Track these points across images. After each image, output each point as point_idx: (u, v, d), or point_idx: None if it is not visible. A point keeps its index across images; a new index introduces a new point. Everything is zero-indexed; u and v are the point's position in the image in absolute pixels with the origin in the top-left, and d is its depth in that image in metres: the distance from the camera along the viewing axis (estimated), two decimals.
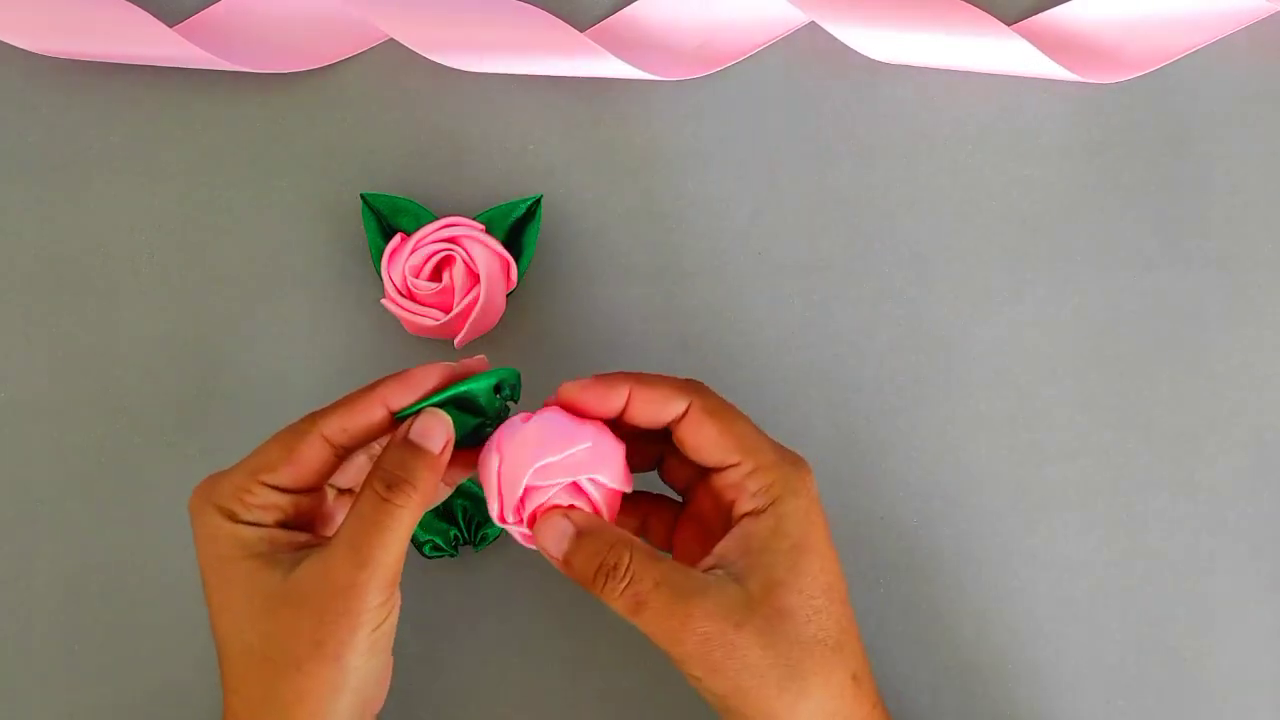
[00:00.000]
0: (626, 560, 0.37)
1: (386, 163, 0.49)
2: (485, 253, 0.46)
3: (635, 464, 0.41)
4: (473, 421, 0.39)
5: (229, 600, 0.37)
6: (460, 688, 0.47)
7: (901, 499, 0.48)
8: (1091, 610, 0.48)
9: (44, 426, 0.48)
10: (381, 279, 0.46)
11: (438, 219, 0.46)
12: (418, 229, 0.46)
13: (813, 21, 0.49)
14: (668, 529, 0.42)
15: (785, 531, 0.38)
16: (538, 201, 0.48)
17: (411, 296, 0.46)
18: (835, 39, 0.49)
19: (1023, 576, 0.48)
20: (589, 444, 0.38)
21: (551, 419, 0.39)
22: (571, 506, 0.38)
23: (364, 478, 0.38)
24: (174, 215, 0.49)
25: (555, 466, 0.38)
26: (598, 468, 0.38)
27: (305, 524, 0.40)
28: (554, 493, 0.38)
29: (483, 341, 0.48)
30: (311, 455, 0.38)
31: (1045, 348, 0.49)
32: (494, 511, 0.39)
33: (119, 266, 0.49)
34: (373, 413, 0.38)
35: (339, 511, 0.41)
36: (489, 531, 0.47)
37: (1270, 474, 0.49)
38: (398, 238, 0.46)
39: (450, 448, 0.38)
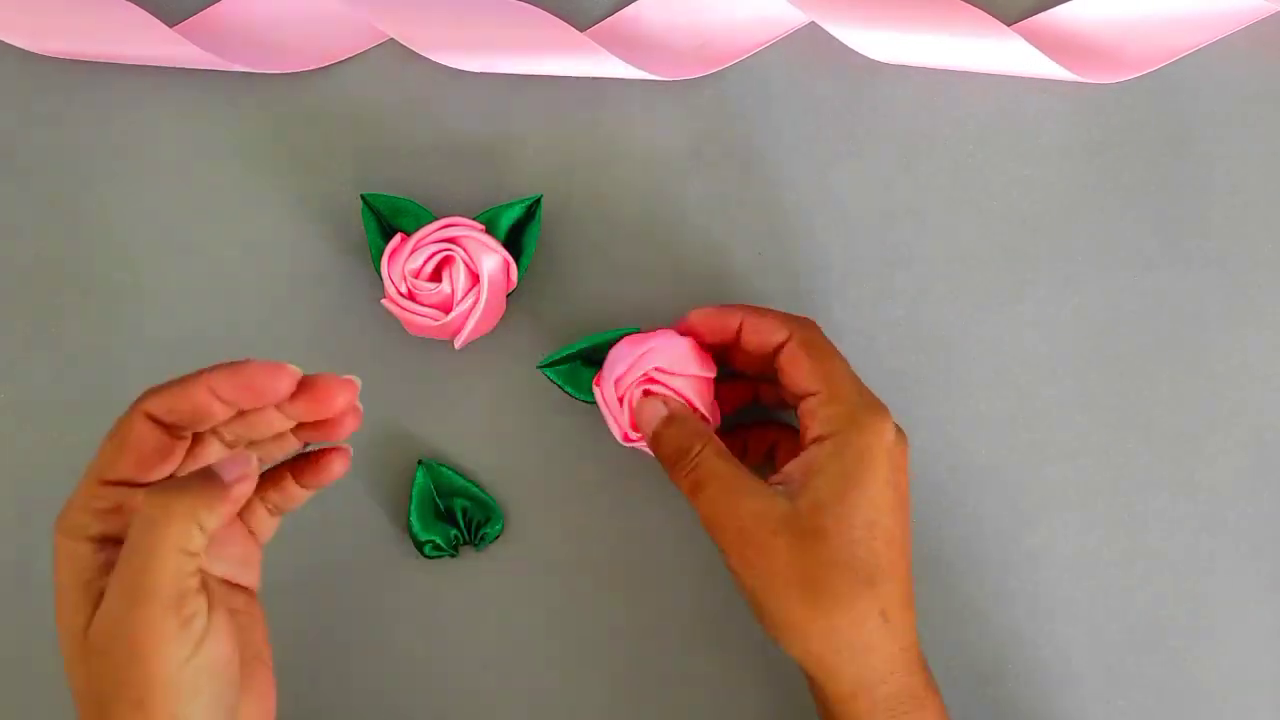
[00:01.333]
0: (698, 448, 0.41)
1: (386, 163, 0.49)
2: (485, 253, 0.46)
3: (729, 401, 0.46)
4: None
5: (61, 639, 0.35)
6: (460, 688, 0.47)
7: None
8: (1091, 610, 0.48)
9: (44, 426, 0.48)
10: (381, 279, 0.46)
11: (438, 219, 0.46)
12: (418, 229, 0.46)
13: (813, 21, 0.49)
14: (768, 450, 0.46)
15: (841, 459, 0.40)
16: (538, 201, 0.47)
17: (412, 297, 0.46)
18: (835, 39, 0.49)
19: (1023, 576, 0.48)
20: (651, 345, 0.43)
21: (619, 344, 0.45)
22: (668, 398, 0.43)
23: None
24: (174, 215, 0.49)
25: (627, 373, 0.44)
26: (660, 358, 0.43)
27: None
28: (634, 393, 0.43)
29: (483, 342, 0.48)
30: (142, 436, 0.36)
31: (1045, 348, 0.49)
32: (618, 437, 0.44)
33: (119, 266, 0.49)
34: (199, 394, 0.36)
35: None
36: (489, 531, 0.47)
37: (1270, 474, 0.49)
38: (398, 238, 0.46)
39: (247, 484, 0.35)
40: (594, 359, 0.46)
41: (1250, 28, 0.50)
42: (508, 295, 0.47)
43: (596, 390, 0.45)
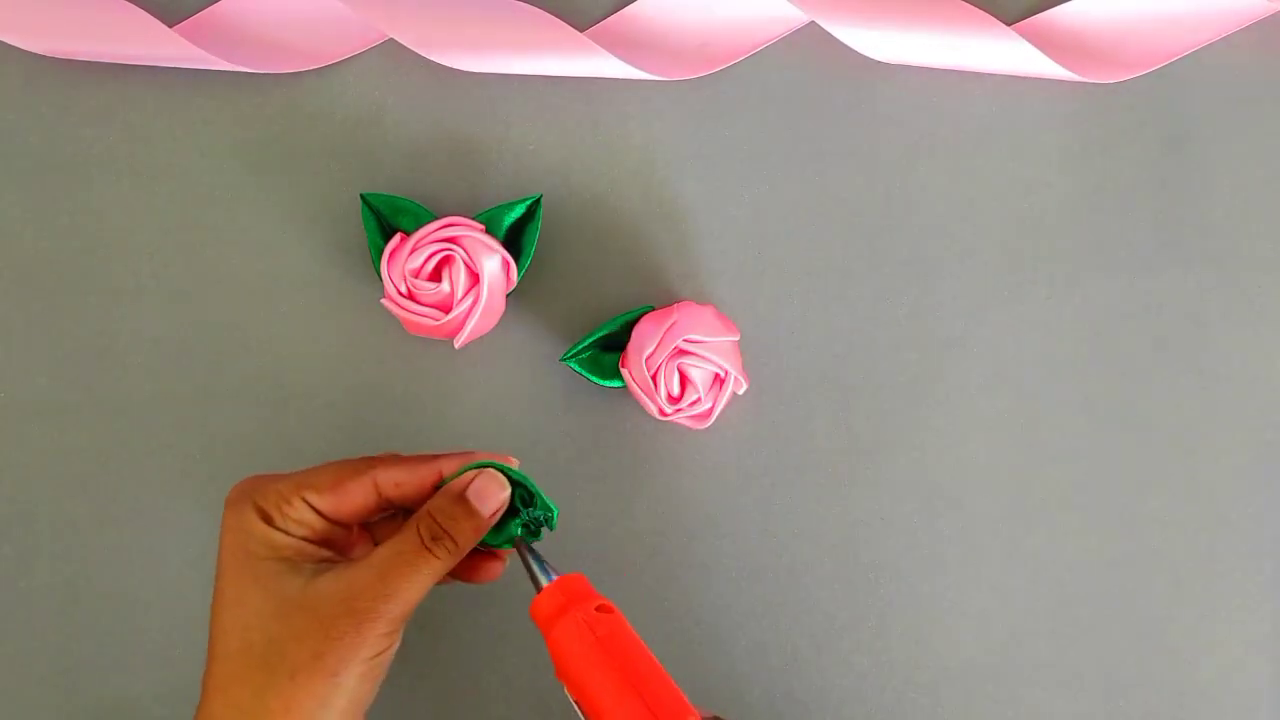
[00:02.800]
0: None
1: (386, 163, 0.49)
2: (485, 253, 0.46)
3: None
4: (512, 523, 0.41)
5: (243, 596, 0.38)
6: (460, 687, 0.47)
7: (901, 499, 0.48)
8: (1091, 610, 0.48)
9: (44, 426, 0.48)
10: (381, 279, 0.46)
11: (438, 219, 0.46)
12: (417, 229, 0.46)
13: (813, 21, 0.49)
14: None
15: None
16: (538, 201, 0.47)
17: (411, 297, 0.46)
18: (835, 39, 0.49)
19: (1023, 576, 0.48)
20: (675, 318, 0.45)
21: (642, 322, 0.46)
22: (716, 378, 0.45)
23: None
24: (174, 215, 0.49)
25: (657, 350, 0.45)
26: (690, 329, 0.45)
27: (326, 546, 0.40)
28: (665, 366, 0.44)
29: (483, 342, 0.48)
30: (358, 495, 0.40)
31: (1045, 348, 0.49)
32: (655, 414, 0.45)
33: (119, 266, 0.49)
34: (428, 478, 0.40)
35: (360, 544, 0.42)
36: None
37: (1270, 474, 0.49)
38: (398, 238, 0.46)
39: (497, 516, 0.40)
40: (612, 344, 0.47)
41: (1250, 28, 0.50)
42: (508, 295, 0.47)
43: (625, 372, 0.46)
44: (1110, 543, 0.48)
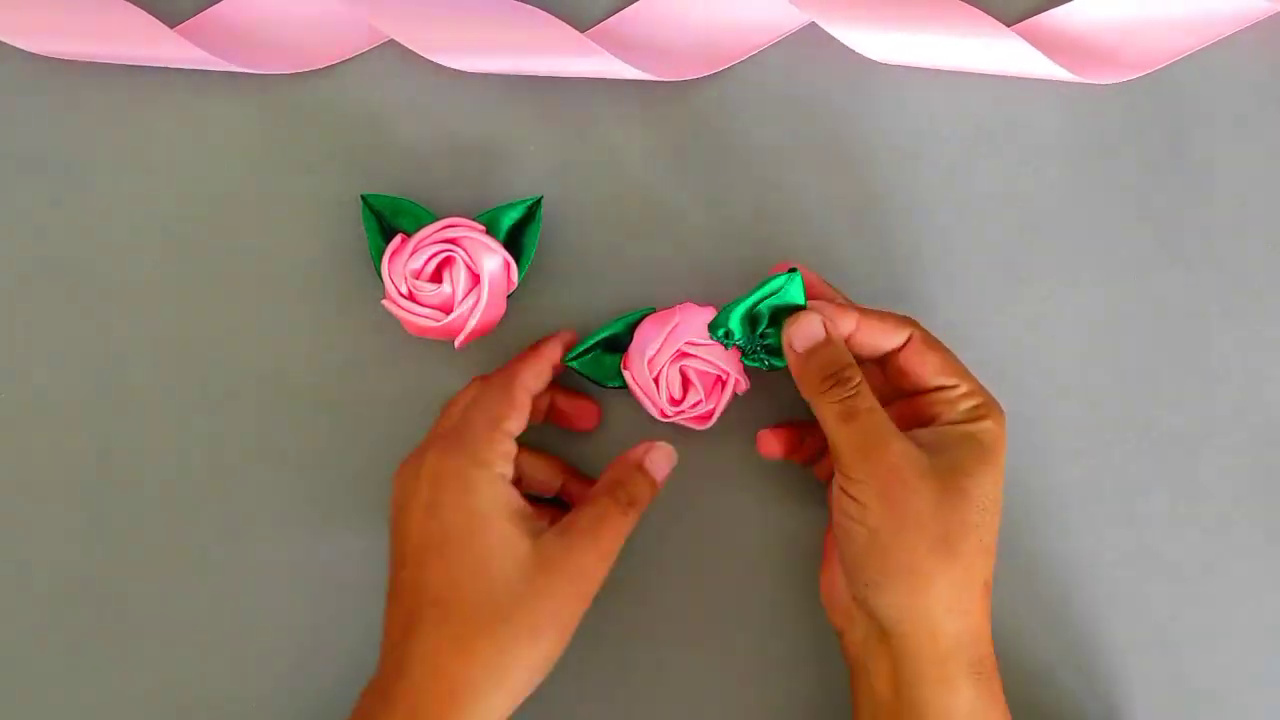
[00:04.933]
0: (857, 378, 0.42)
1: (386, 163, 0.49)
2: (485, 253, 0.46)
3: (802, 456, 0.47)
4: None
5: (485, 553, 0.41)
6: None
7: None
8: (1092, 610, 0.48)
9: (44, 426, 0.48)
10: (382, 280, 0.46)
11: (438, 219, 0.46)
12: (418, 230, 0.46)
13: (813, 21, 0.49)
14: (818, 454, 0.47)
15: (979, 440, 0.42)
16: (538, 202, 0.47)
17: (412, 298, 0.46)
18: (835, 39, 0.49)
19: (1023, 577, 0.48)
20: (677, 320, 0.45)
21: (644, 324, 0.46)
22: (718, 380, 0.45)
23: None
24: (174, 215, 0.49)
25: (660, 352, 0.45)
26: (691, 331, 0.45)
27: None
28: (668, 368, 0.45)
29: (483, 342, 0.48)
30: (525, 401, 0.44)
31: (1045, 348, 0.49)
32: (655, 414, 0.46)
33: (119, 266, 0.49)
34: (546, 368, 0.45)
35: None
36: None
37: (1270, 474, 0.49)
38: (398, 238, 0.46)
39: (666, 480, 0.45)
40: (614, 346, 0.47)
41: (1250, 28, 0.50)
42: (508, 295, 0.47)
43: (626, 373, 0.46)
44: (1111, 543, 0.48)
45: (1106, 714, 0.48)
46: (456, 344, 0.47)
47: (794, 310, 0.43)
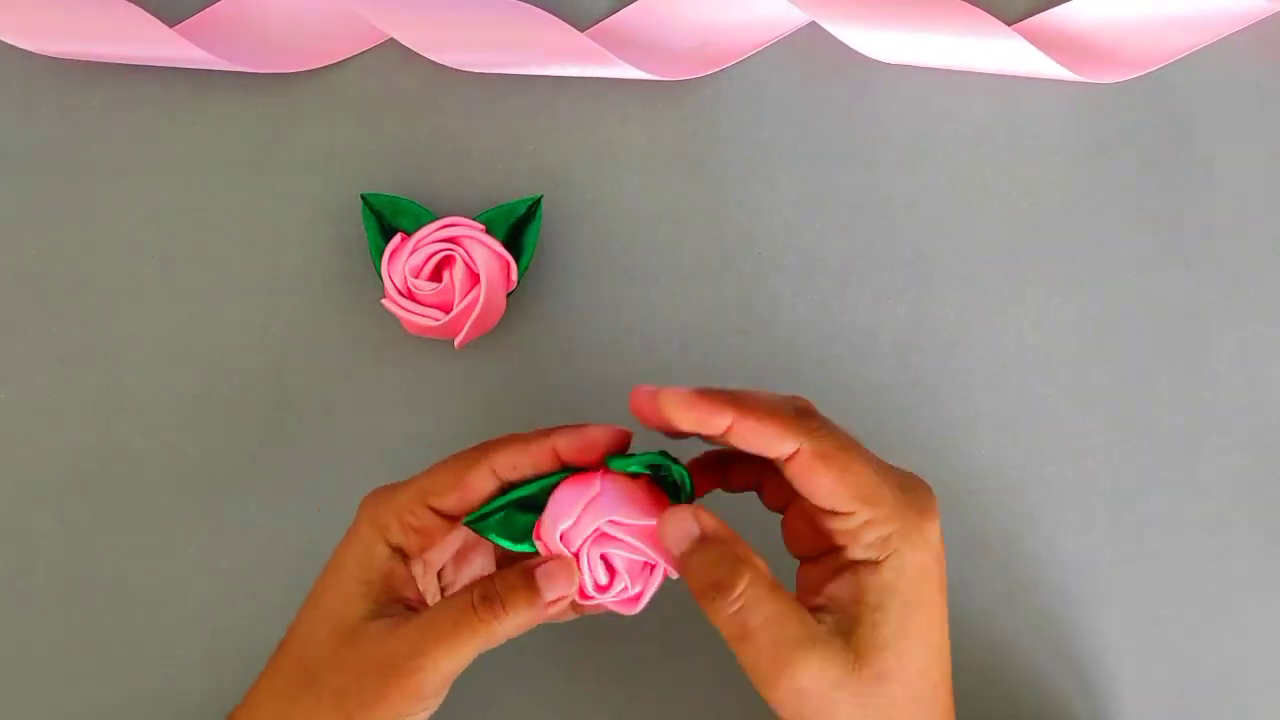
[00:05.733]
0: (743, 585, 0.35)
1: (386, 163, 0.49)
2: (485, 253, 0.46)
3: (735, 485, 0.41)
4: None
5: (323, 608, 0.38)
6: (460, 688, 0.47)
7: None
8: (1092, 610, 0.48)
9: (44, 426, 0.48)
10: (381, 279, 0.46)
11: (438, 219, 0.46)
12: (418, 229, 0.46)
13: (813, 21, 0.49)
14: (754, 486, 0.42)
15: (898, 589, 0.36)
16: (538, 202, 0.47)
17: (412, 297, 0.46)
18: (835, 39, 0.49)
19: (1023, 577, 0.48)
20: (598, 490, 0.38)
21: (560, 489, 0.38)
22: (645, 566, 0.38)
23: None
24: (174, 215, 0.49)
25: (576, 526, 0.37)
26: (616, 508, 0.37)
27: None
28: (589, 548, 0.37)
29: (483, 342, 0.48)
30: (479, 485, 0.38)
31: (1045, 348, 0.49)
32: (574, 595, 0.38)
33: (119, 266, 0.49)
34: (543, 455, 0.38)
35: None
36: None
37: (1270, 474, 0.49)
38: (398, 238, 0.46)
39: (563, 605, 0.37)
40: (529, 506, 0.39)
41: (1250, 28, 0.50)
42: (508, 295, 0.47)
43: (538, 543, 0.38)
44: (1110, 543, 0.48)
45: (1106, 714, 0.48)
46: (456, 343, 0.47)
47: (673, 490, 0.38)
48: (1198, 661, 0.48)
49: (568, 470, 0.39)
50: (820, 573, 0.38)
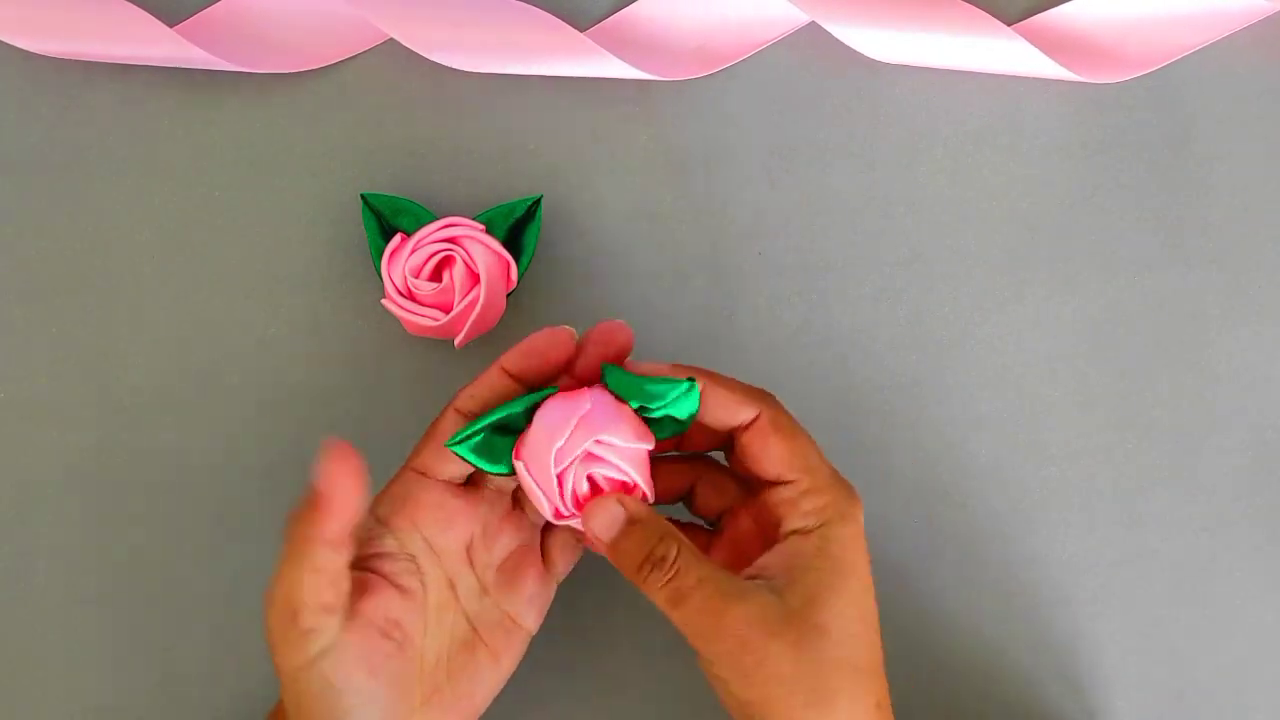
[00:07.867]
0: (673, 554, 0.37)
1: (386, 163, 0.49)
2: (485, 253, 0.46)
3: (663, 493, 0.42)
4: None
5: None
6: None
7: (901, 499, 0.48)
8: (1092, 610, 0.48)
9: (44, 426, 0.48)
10: (381, 279, 0.46)
11: (438, 219, 0.46)
12: (418, 229, 0.46)
13: (813, 21, 0.49)
14: (685, 491, 0.43)
15: (830, 553, 0.38)
16: (538, 201, 0.47)
17: (412, 297, 0.46)
18: (835, 39, 0.49)
19: (1023, 577, 0.48)
20: (588, 407, 0.38)
21: (548, 406, 0.39)
22: (625, 486, 0.38)
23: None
24: (174, 215, 0.49)
25: (568, 444, 0.38)
26: (605, 427, 0.38)
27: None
28: (576, 467, 0.38)
29: (483, 342, 0.48)
30: (449, 430, 0.39)
31: (1045, 348, 0.49)
32: (549, 514, 0.39)
33: (119, 266, 0.49)
34: (495, 379, 0.40)
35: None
36: None
37: (1270, 474, 0.49)
38: (398, 238, 0.46)
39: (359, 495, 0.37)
40: (505, 429, 0.39)
41: (1250, 28, 0.50)
42: (508, 295, 0.47)
43: (519, 464, 0.38)
44: (1111, 543, 0.48)
45: (1106, 714, 0.48)
46: (456, 343, 0.47)
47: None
48: (1197, 661, 0.48)
49: (552, 389, 0.39)
50: (750, 548, 0.40)
